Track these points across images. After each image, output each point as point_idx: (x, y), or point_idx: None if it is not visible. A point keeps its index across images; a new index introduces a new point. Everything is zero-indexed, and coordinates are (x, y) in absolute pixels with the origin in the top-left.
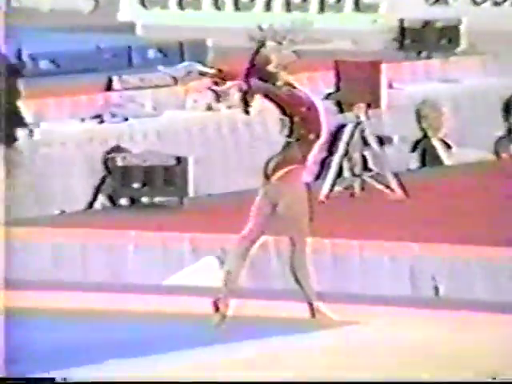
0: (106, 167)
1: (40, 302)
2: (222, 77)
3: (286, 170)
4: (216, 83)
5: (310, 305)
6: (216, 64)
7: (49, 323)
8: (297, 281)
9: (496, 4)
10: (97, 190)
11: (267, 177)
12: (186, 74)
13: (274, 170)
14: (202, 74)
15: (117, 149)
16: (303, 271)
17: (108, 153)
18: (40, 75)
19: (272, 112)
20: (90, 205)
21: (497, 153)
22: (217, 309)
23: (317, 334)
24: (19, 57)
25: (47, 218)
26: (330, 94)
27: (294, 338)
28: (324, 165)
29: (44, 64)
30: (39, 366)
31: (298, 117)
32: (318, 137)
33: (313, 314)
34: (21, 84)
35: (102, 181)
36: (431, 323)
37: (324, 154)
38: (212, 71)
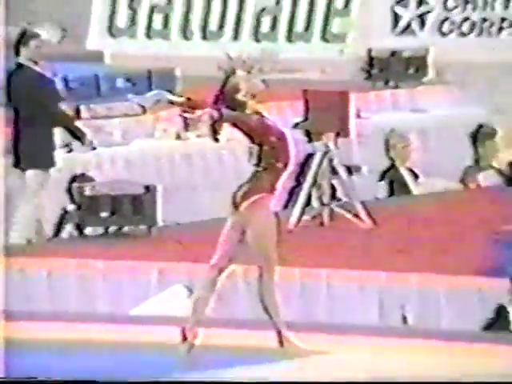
0: (71, 196)
1: (4, 331)
2: (191, 105)
3: (254, 198)
4: (185, 112)
5: (279, 334)
6: (185, 93)
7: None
8: (265, 310)
9: (462, 35)
10: (60, 222)
11: (236, 206)
12: (155, 103)
13: (243, 199)
14: (171, 102)
15: (82, 177)
16: (271, 300)
17: (71, 182)
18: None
19: (241, 141)
20: (55, 235)
21: (464, 182)
22: (184, 338)
23: (285, 364)
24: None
25: (14, 247)
26: (298, 124)
27: (262, 368)
28: (293, 194)
29: None
30: None
31: (267, 146)
32: (286, 166)
33: (281, 343)
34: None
35: (65, 211)
36: (399, 352)
37: (293, 183)
38: (181, 100)
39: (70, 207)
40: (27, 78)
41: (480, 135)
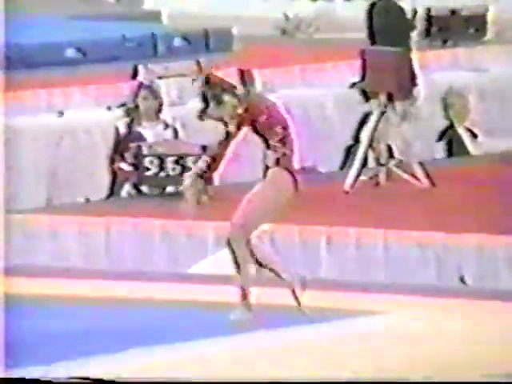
0: (135, 158)
1: (64, 289)
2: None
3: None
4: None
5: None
6: (241, 52)
7: (66, 311)
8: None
9: None
10: (113, 181)
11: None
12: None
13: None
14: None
15: (128, 136)
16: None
17: (118, 141)
18: (66, 64)
19: (294, 103)
20: (110, 195)
21: None
22: (244, 297)
23: (343, 323)
24: None
25: (72, 206)
26: (355, 83)
27: (318, 327)
28: (349, 154)
29: (70, 52)
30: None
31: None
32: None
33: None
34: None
35: (118, 169)
36: (457, 313)
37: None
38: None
39: (123, 165)
40: (387, 10)
41: None
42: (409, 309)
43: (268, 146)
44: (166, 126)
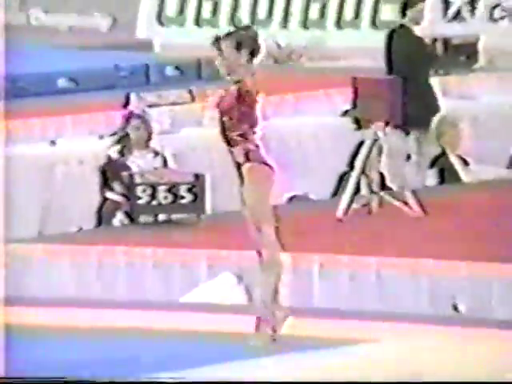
0: (127, 187)
1: (56, 319)
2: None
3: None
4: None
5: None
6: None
7: (58, 341)
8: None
9: None
10: (99, 211)
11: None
12: None
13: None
14: None
15: (110, 165)
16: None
17: (104, 169)
18: (58, 93)
19: (287, 131)
20: (98, 224)
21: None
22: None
23: (333, 352)
24: None
25: (65, 236)
26: (347, 111)
27: (314, 355)
28: (341, 181)
29: (62, 82)
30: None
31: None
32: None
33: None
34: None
35: (104, 199)
36: (450, 341)
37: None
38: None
39: (110, 195)
40: (406, 40)
41: None
42: (401, 337)
43: (228, 143)
44: (156, 154)
